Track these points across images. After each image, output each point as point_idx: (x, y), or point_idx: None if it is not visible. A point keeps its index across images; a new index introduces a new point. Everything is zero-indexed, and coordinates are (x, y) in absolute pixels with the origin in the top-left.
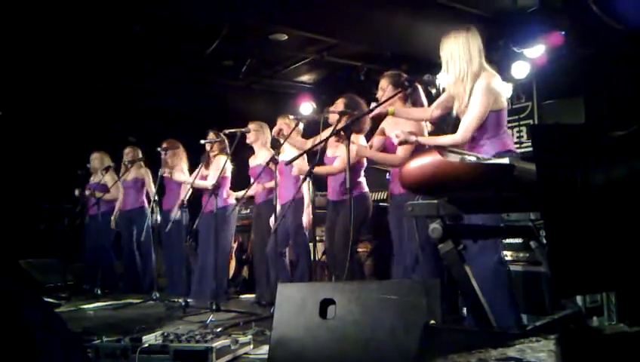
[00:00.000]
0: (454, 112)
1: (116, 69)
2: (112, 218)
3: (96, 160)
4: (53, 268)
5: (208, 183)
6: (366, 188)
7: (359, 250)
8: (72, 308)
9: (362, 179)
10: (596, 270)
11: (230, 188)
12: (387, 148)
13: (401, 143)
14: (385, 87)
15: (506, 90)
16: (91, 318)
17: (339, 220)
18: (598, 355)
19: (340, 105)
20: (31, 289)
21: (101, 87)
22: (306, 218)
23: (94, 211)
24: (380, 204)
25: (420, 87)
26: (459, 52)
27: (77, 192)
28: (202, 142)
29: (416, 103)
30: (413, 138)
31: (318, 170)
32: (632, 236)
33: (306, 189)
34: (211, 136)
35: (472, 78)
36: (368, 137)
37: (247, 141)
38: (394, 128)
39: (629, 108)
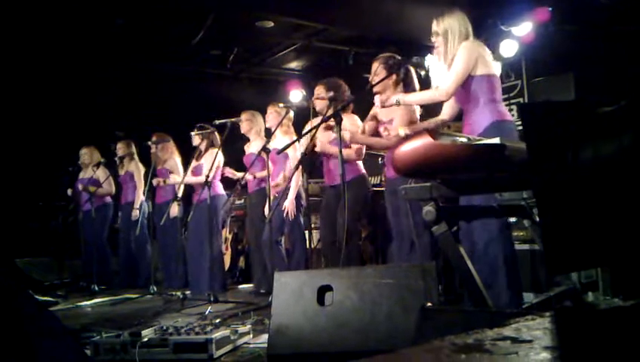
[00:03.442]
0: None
1: (102, 63)
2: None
3: (86, 155)
4: (49, 266)
5: (200, 179)
6: (363, 171)
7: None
8: (70, 305)
9: (359, 162)
10: (589, 246)
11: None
12: (379, 133)
13: (384, 107)
14: (377, 70)
15: (494, 62)
16: (89, 315)
17: (340, 205)
18: (593, 331)
19: (321, 92)
20: (26, 288)
21: (88, 82)
22: (290, 205)
23: (87, 207)
24: (375, 188)
25: (412, 69)
26: (459, 30)
27: (69, 192)
28: (192, 133)
29: (410, 86)
30: (394, 99)
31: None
32: (624, 211)
33: (295, 177)
34: (197, 130)
35: None
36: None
37: (242, 131)
38: (385, 114)
39: (618, 83)
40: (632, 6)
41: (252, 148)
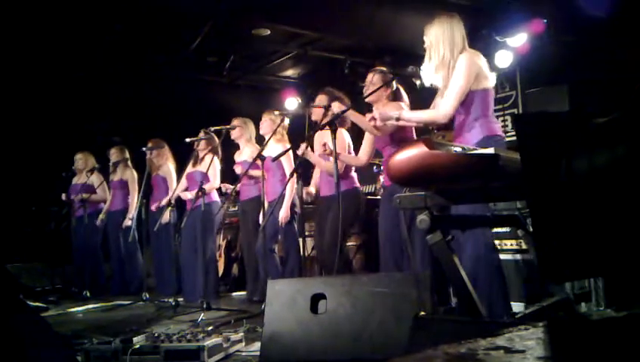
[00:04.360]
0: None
1: (99, 68)
2: (100, 216)
3: (81, 160)
4: (40, 272)
5: (189, 195)
6: (357, 183)
7: (348, 244)
8: (61, 311)
9: (353, 174)
10: (583, 256)
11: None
12: (375, 141)
13: (384, 121)
14: (375, 83)
15: (489, 71)
16: (81, 321)
17: (329, 216)
18: (586, 341)
19: (323, 100)
20: (17, 293)
21: (85, 87)
22: (284, 213)
23: (80, 213)
24: (368, 197)
25: (401, 88)
26: (443, 37)
27: (64, 196)
28: (187, 140)
29: (399, 101)
30: (394, 115)
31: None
32: (618, 221)
33: (290, 185)
34: (202, 134)
35: (455, 62)
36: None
37: (232, 137)
38: (374, 118)
39: (612, 94)
40: (627, 18)
41: (243, 155)
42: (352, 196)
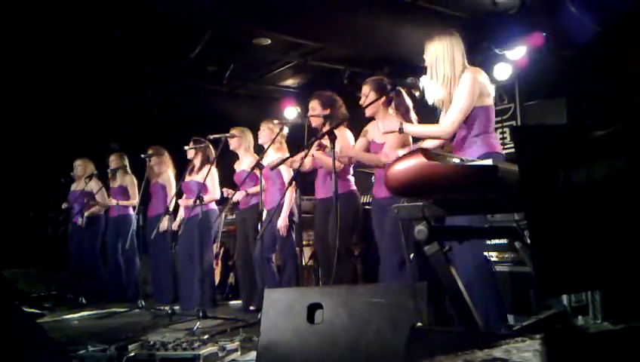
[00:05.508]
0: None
1: (100, 75)
2: (96, 210)
3: (80, 167)
4: (36, 278)
5: (190, 203)
6: (354, 187)
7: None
8: (56, 317)
9: (350, 178)
10: (580, 269)
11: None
12: (370, 149)
13: (386, 132)
14: (367, 93)
15: (491, 88)
16: (76, 328)
17: (330, 218)
18: (583, 354)
19: (316, 107)
20: (14, 299)
21: (84, 93)
22: (282, 223)
23: (77, 219)
24: (367, 207)
25: (403, 90)
26: (443, 55)
27: (64, 206)
28: (186, 148)
29: (400, 107)
30: (395, 128)
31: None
32: (615, 234)
33: (289, 194)
34: (192, 143)
35: (456, 81)
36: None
37: (231, 147)
38: (379, 135)
39: (610, 107)
40: (625, 31)
41: (242, 165)
42: (349, 198)
